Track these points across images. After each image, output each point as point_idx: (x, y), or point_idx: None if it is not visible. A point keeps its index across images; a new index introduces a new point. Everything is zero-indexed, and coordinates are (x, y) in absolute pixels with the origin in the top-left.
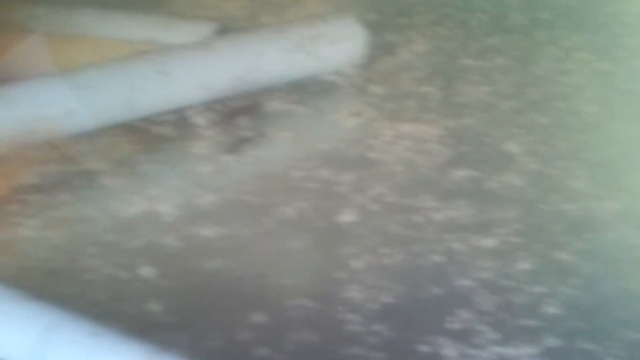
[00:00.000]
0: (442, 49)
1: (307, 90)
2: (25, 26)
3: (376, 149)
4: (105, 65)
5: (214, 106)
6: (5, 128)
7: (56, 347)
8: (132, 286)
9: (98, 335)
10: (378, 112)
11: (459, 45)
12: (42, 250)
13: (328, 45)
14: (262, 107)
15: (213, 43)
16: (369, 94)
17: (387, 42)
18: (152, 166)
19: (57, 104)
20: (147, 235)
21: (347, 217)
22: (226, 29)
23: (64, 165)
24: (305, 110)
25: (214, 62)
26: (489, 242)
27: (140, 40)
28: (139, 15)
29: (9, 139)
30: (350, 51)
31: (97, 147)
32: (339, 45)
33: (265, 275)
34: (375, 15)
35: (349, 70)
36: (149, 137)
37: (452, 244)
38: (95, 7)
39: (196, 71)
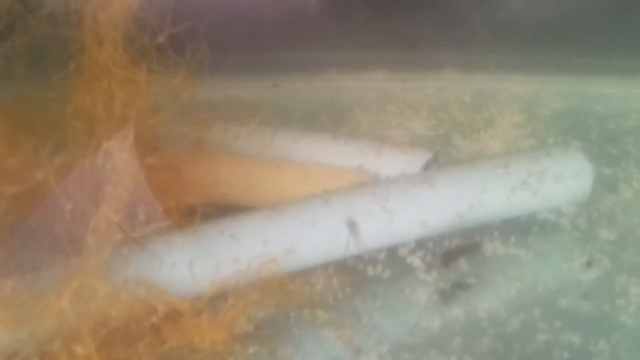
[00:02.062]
0: None
1: (526, 230)
2: (227, 147)
3: (628, 313)
4: (327, 199)
5: (426, 244)
6: (225, 267)
7: None
8: None
9: None
10: (616, 265)
11: None
12: None
13: (553, 183)
14: (481, 248)
15: (434, 177)
16: (598, 239)
17: (604, 176)
18: (375, 316)
19: (279, 241)
20: None
21: None
22: (437, 158)
23: (282, 311)
24: (529, 255)
25: (436, 199)
26: None
27: (348, 167)
28: (347, 139)
29: (227, 279)
30: (575, 190)
31: (312, 289)
32: (565, 183)
33: None
34: (579, 142)
35: (569, 208)
36: (362, 278)
37: None
38: (291, 128)
39: (417, 208)
